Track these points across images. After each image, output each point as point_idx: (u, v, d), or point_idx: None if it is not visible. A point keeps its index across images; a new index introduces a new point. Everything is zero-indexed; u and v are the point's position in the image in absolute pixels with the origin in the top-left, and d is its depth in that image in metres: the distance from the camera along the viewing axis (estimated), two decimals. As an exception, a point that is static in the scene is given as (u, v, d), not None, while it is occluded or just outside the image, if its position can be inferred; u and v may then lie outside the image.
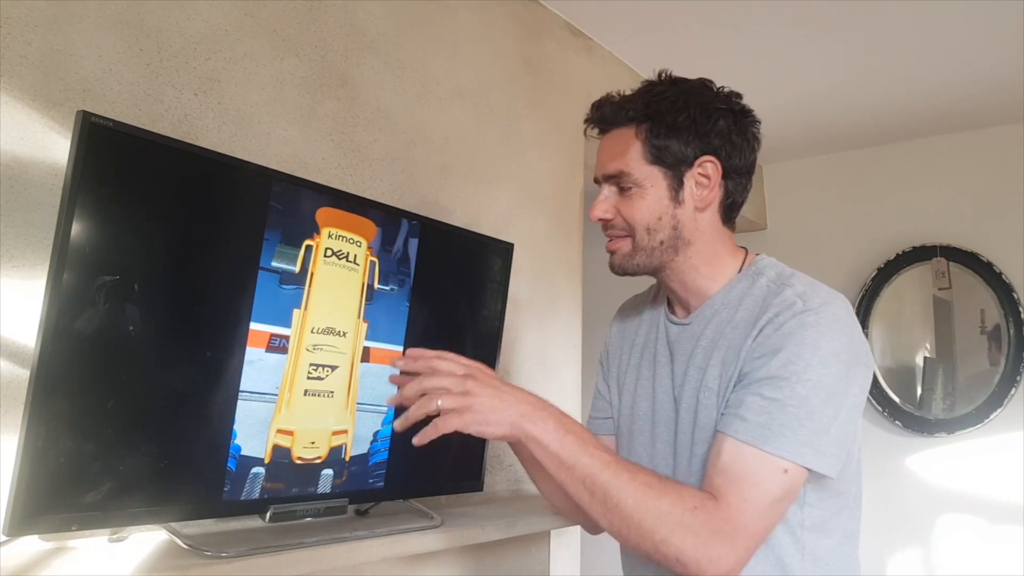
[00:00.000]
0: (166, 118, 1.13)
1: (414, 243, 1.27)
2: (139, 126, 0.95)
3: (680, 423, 1.00)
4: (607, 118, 1.02)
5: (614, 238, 1.03)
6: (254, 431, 1.04)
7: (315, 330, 1.11)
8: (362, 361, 1.18)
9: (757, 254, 1.05)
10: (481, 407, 0.86)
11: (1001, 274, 2.70)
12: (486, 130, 1.78)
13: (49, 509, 0.84)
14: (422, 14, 1.62)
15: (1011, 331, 2.66)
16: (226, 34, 1.23)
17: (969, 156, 2.84)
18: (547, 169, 1.95)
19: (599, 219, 1.02)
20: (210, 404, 1.01)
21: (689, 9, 2.00)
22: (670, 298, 1.09)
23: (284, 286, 1.07)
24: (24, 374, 0.92)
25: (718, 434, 0.91)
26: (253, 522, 1.13)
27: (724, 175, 0.99)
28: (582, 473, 0.87)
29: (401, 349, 1.24)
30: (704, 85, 1.01)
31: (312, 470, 1.12)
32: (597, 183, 1.04)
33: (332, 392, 1.14)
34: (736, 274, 1.02)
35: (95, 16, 1.06)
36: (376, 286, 1.20)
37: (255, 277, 1.04)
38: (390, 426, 1.23)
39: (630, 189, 0.99)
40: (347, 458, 1.17)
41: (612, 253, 1.03)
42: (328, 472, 1.15)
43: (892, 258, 2.91)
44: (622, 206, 1.00)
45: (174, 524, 0.99)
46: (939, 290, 2.83)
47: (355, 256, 1.17)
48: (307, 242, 1.10)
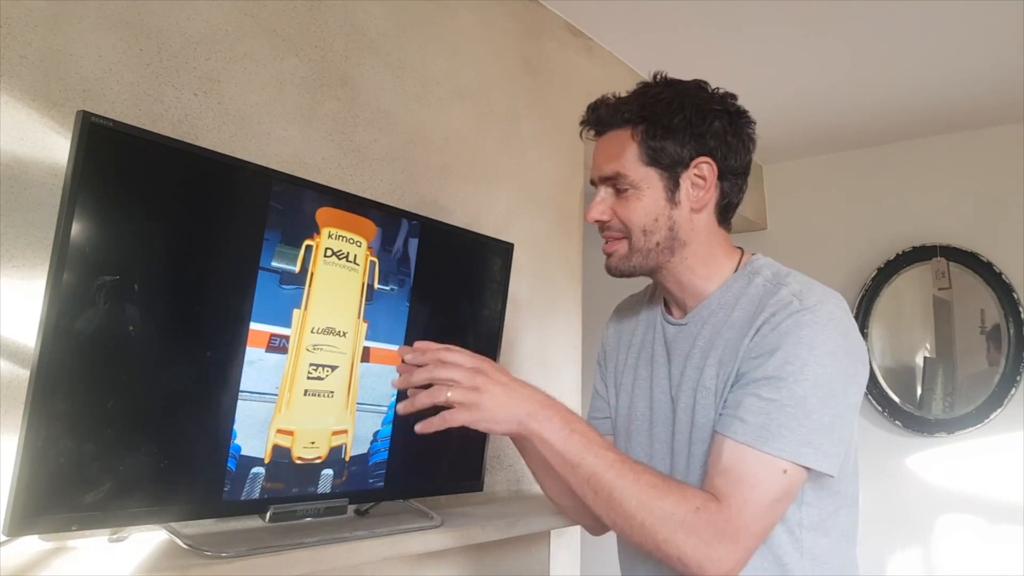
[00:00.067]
0: (166, 118, 1.13)
1: (414, 243, 1.27)
2: (139, 126, 0.95)
3: (677, 423, 1.00)
4: (603, 120, 1.02)
5: (610, 240, 1.03)
6: (254, 431, 1.04)
7: (315, 330, 1.11)
8: (362, 361, 1.18)
9: (753, 254, 1.05)
10: (490, 404, 0.87)
11: (1001, 274, 2.70)
12: (486, 130, 1.78)
13: (49, 509, 0.85)
14: (422, 14, 1.62)
15: (1011, 331, 2.66)
16: (226, 34, 1.23)
17: (969, 156, 2.84)
18: (547, 169, 1.95)
19: (595, 221, 1.02)
20: (210, 404, 1.01)
21: (689, 9, 2.00)
22: (667, 298, 1.09)
23: (284, 286, 1.08)
24: (24, 374, 0.92)
25: (717, 435, 0.91)
26: (253, 522, 1.13)
27: (720, 176, 1.00)
28: (587, 472, 0.88)
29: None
30: (699, 86, 1.01)
31: (312, 470, 1.12)
32: (593, 185, 1.04)
33: (332, 392, 1.14)
34: (732, 274, 1.02)
35: (95, 16, 1.06)
36: (376, 286, 1.20)
37: (255, 277, 1.04)
38: (390, 426, 1.24)
39: (626, 191, 0.99)
40: (347, 458, 1.17)
41: (609, 255, 1.04)
42: (328, 472, 1.15)
43: (892, 258, 2.91)
44: (618, 208, 1.00)
45: (174, 524, 0.99)
46: (939, 290, 2.83)
47: (355, 256, 1.17)
48: (307, 242, 1.10)
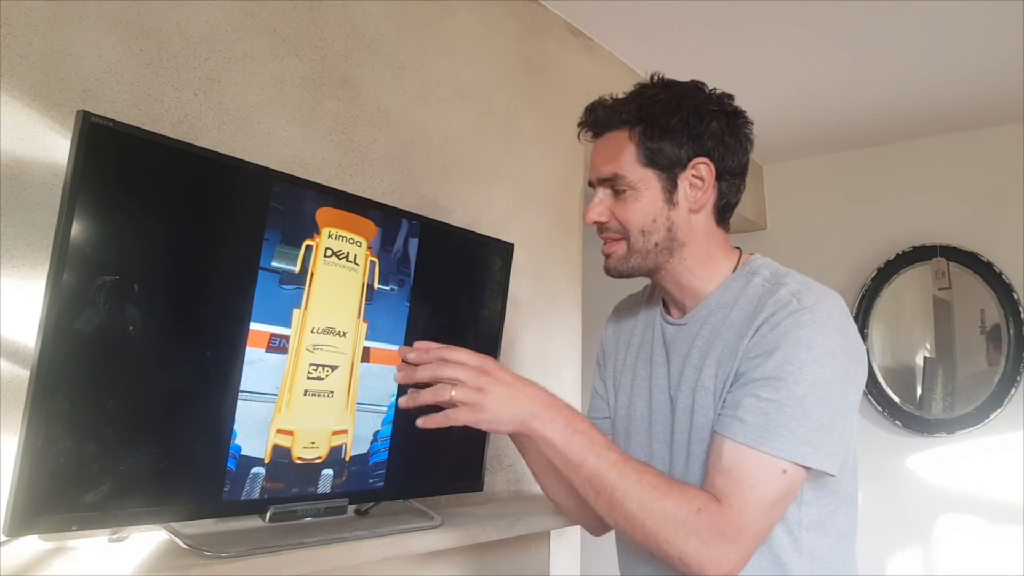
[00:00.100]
0: (166, 118, 1.14)
1: (414, 243, 1.27)
2: (139, 126, 0.95)
3: (676, 423, 1.00)
4: (600, 121, 1.02)
5: (609, 241, 1.03)
6: (254, 431, 1.04)
7: (315, 330, 1.11)
8: (362, 361, 1.18)
9: (752, 254, 1.05)
10: (493, 404, 0.88)
11: (1001, 274, 2.70)
12: (486, 130, 1.78)
13: (49, 509, 0.84)
14: (422, 14, 1.62)
15: (1011, 331, 2.66)
16: (226, 34, 1.23)
17: (969, 156, 2.84)
18: (547, 169, 1.95)
19: (594, 222, 1.03)
20: (210, 404, 1.01)
21: (689, 9, 2.00)
22: (665, 299, 1.09)
23: (284, 286, 1.08)
24: (24, 374, 0.92)
25: (717, 436, 0.91)
26: (253, 522, 1.13)
27: (717, 176, 1.00)
28: (589, 473, 0.88)
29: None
30: (696, 87, 1.01)
31: (312, 470, 1.12)
32: (591, 186, 1.04)
33: (332, 392, 1.14)
34: (731, 274, 1.02)
35: (95, 16, 1.06)
36: (376, 286, 1.20)
37: (255, 277, 1.04)
38: (390, 426, 1.24)
39: (624, 192, 0.99)
40: (347, 458, 1.17)
41: (607, 256, 1.04)
42: (328, 472, 1.15)
43: (892, 258, 2.91)
44: (617, 209, 1.00)
45: (174, 524, 0.99)
46: (939, 290, 2.83)
47: (355, 256, 1.17)
48: (307, 242, 1.10)
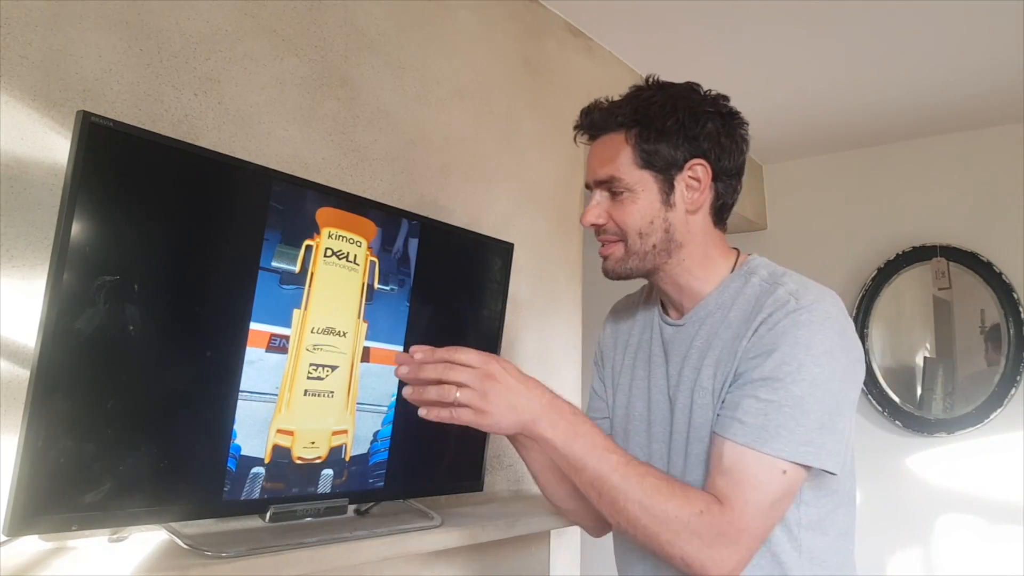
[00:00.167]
0: (166, 118, 1.14)
1: (414, 243, 1.27)
2: (139, 126, 0.95)
3: (675, 423, 1.00)
4: (597, 124, 1.02)
5: (607, 243, 1.03)
6: (254, 431, 1.04)
7: (315, 330, 1.11)
8: (362, 361, 1.18)
9: (749, 254, 1.06)
10: (495, 410, 0.88)
11: (1001, 274, 2.70)
12: (486, 130, 1.78)
13: (49, 509, 0.85)
14: (422, 14, 1.62)
15: (1011, 331, 2.66)
16: (226, 34, 1.23)
17: (969, 156, 2.84)
18: (547, 169, 1.95)
19: (591, 224, 1.03)
20: (210, 404, 1.01)
21: (689, 9, 2.00)
22: (663, 299, 1.09)
23: (284, 286, 1.08)
24: (24, 374, 0.92)
25: (717, 437, 0.91)
26: (253, 522, 1.13)
27: (714, 178, 1.00)
28: (591, 476, 0.89)
29: (401, 349, 1.24)
30: (691, 89, 1.01)
31: (312, 470, 1.12)
32: (588, 188, 1.04)
33: (332, 392, 1.14)
34: (729, 274, 1.03)
35: (95, 16, 1.06)
36: (376, 286, 1.20)
37: (255, 277, 1.04)
38: (390, 426, 1.24)
39: (622, 194, 0.99)
40: (347, 458, 1.17)
41: (605, 258, 1.04)
42: (328, 472, 1.15)
43: (892, 258, 2.91)
44: (614, 211, 1.01)
45: (174, 524, 0.99)
46: (939, 290, 2.83)
47: (355, 256, 1.17)
48: (307, 242, 1.10)
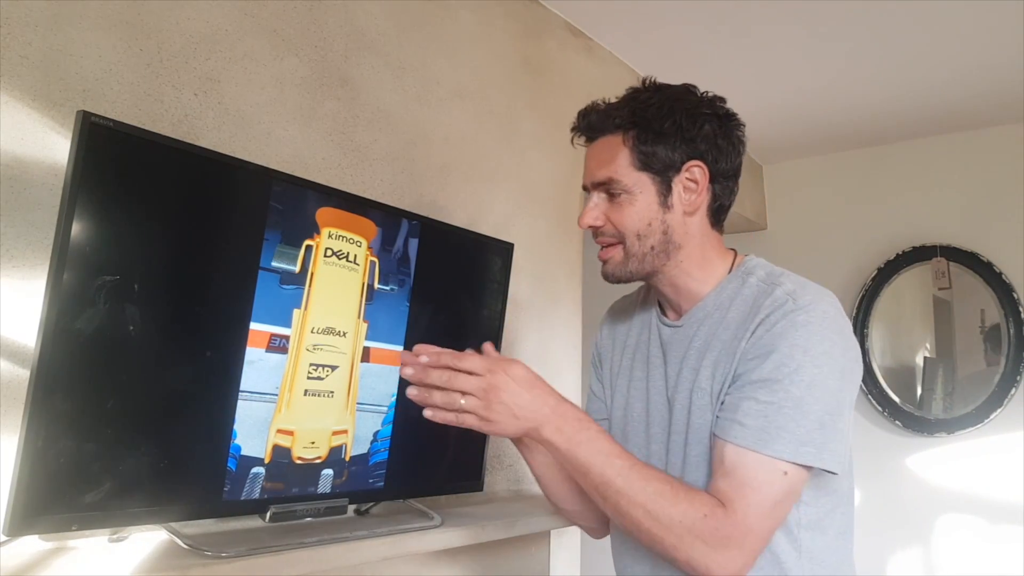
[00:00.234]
0: (166, 118, 1.13)
1: (414, 243, 1.27)
2: (139, 126, 0.95)
3: (674, 424, 1.00)
4: (594, 126, 1.03)
5: (605, 246, 1.03)
6: (254, 431, 1.04)
7: (315, 330, 1.11)
8: (362, 361, 1.18)
9: (746, 255, 1.06)
10: (500, 417, 0.89)
11: (1001, 274, 2.70)
12: (486, 130, 1.78)
13: (49, 509, 0.85)
14: (422, 14, 1.62)
15: (1011, 331, 2.66)
16: (226, 34, 1.23)
17: (969, 156, 2.84)
18: (547, 169, 1.95)
19: (589, 226, 1.03)
20: (210, 404, 1.01)
21: (689, 9, 2.00)
22: (661, 300, 1.09)
23: (284, 286, 1.08)
24: (24, 374, 0.92)
25: (718, 440, 0.92)
26: (253, 522, 1.13)
27: (711, 179, 1.00)
28: (596, 480, 0.90)
29: (401, 349, 1.24)
30: (688, 90, 1.02)
31: (312, 470, 1.12)
32: (586, 190, 1.05)
33: (332, 392, 1.14)
34: (726, 275, 1.03)
35: (95, 16, 1.06)
36: (376, 286, 1.20)
37: (255, 277, 1.04)
38: (390, 426, 1.24)
39: (619, 196, 0.99)
40: (347, 458, 1.17)
41: (605, 262, 1.04)
42: (328, 472, 1.15)
43: (892, 258, 2.91)
44: (612, 213, 1.01)
45: (174, 524, 0.99)
46: (939, 290, 2.83)
47: (355, 256, 1.17)
48: (307, 242, 1.10)
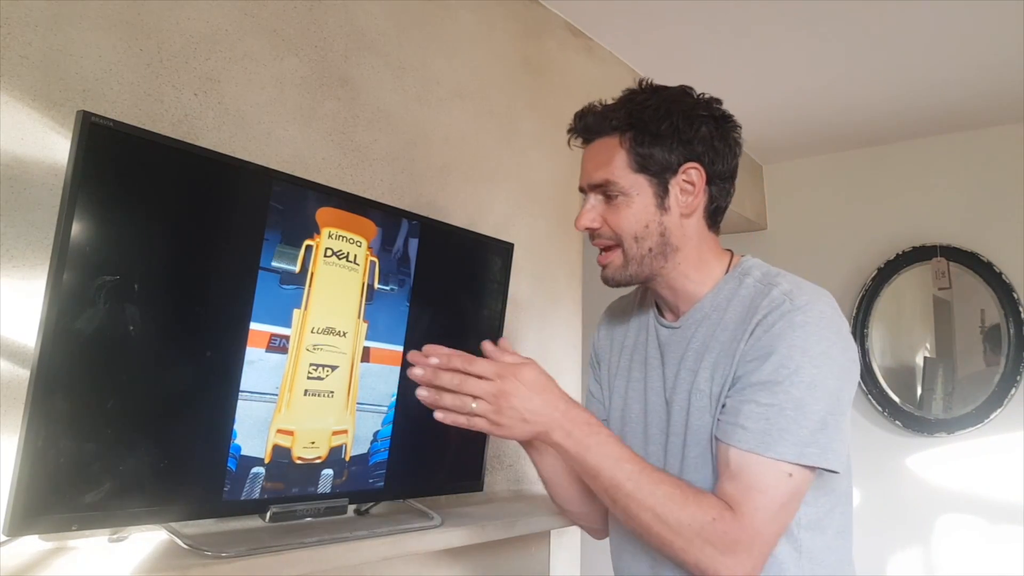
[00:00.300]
0: (166, 118, 1.13)
1: (414, 243, 1.27)
2: (139, 126, 0.95)
3: (672, 425, 1.00)
4: (591, 128, 1.03)
5: (603, 250, 1.03)
6: (254, 431, 1.04)
7: (315, 330, 1.11)
8: (362, 361, 1.18)
9: (742, 255, 1.06)
10: (510, 422, 0.90)
11: (1001, 274, 2.70)
12: (486, 130, 1.78)
13: (49, 509, 0.85)
14: (422, 14, 1.62)
15: (1011, 331, 2.66)
16: (226, 34, 1.23)
17: (969, 156, 2.84)
18: (547, 169, 1.95)
19: (586, 228, 1.03)
20: (210, 404, 1.01)
21: (689, 9, 2.00)
22: (658, 302, 1.09)
23: (284, 286, 1.08)
24: (24, 374, 0.92)
25: (721, 444, 0.92)
26: (253, 522, 1.13)
27: (708, 181, 1.00)
28: (606, 483, 0.90)
29: (401, 349, 1.24)
30: (685, 92, 1.02)
31: (312, 470, 1.12)
32: (582, 192, 1.04)
33: (332, 392, 1.14)
34: (723, 276, 1.03)
35: (95, 16, 1.06)
36: (376, 286, 1.20)
37: (255, 277, 1.04)
38: (390, 426, 1.24)
39: (616, 198, 0.99)
40: (347, 458, 1.17)
41: (604, 267, 1.04)
42: (328, 472, 1.15)
43: (892, 258, 2.91)
44: (609, 215, 1.01)
45: (174, 524, 0.99)
46: (939, 290, 2.83)
47: (355, 256, 1.17)
48: (307, 242, 1.10)
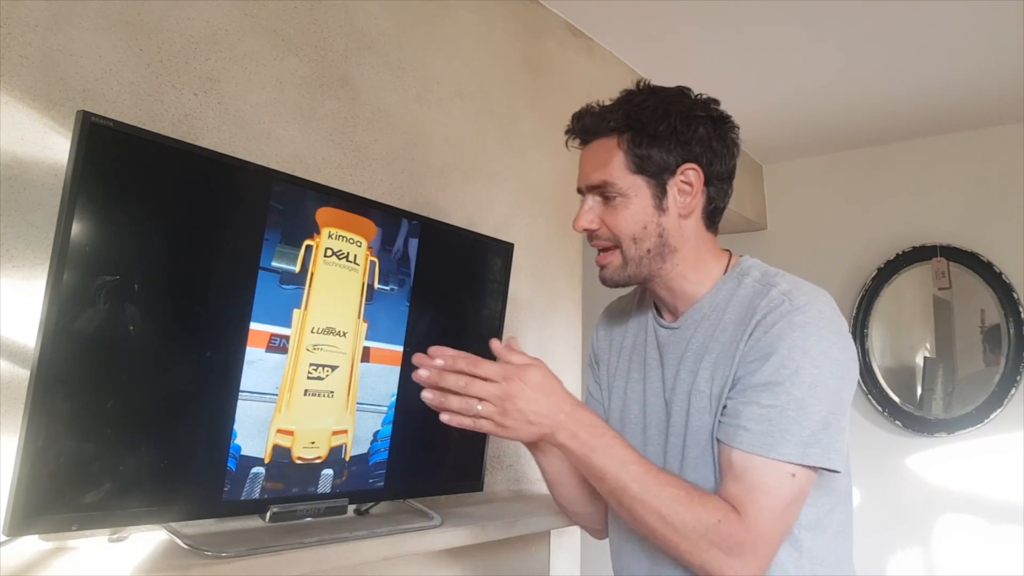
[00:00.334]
0: (166, 118, 1.13)
1: (414, 243, 1.27)
2: (139, 126, 0.95)
3: (672, 426, 1.00)
4: (588, 129, 1.02)
5: (602, 251, 1.03)
6: (254, 431, 1.04)
7: (315, 330, 1.11)
8: (362, 361, 1.18)
9: (741, 255, 1.06)
10: (516, 423, 0.90)
11: (1001, 274, 2.70)
12: (486, 130, 1.78)
13: (49, 509, 0.85)
14: (422, 14, 1.62)
15: (1011, 331, 2.66)
16: (226, 34, 1.23)
17: (969, 156, 2.84)
18: (547, 169, 1.95)
19: (584, 229, 1.03)
20: (210, 404, 1.01)
21: (689, 9, 2.00)
22: (656, 302, 1.09)
23: (284, 286, 1.08)
24: (24, 374, 0.92)
25: (724, 446, 0.92)
26: (253, 522, 1.13)
27: (706, 182, 1.00)
28: (612, 485, 0.91)
29: (401, 349, 1.24)
30: (682, 93, 1.02)
31: (312, 470, 1.12)
32: (580, 193, 1.04)
33: (332, 392, 1.14)
34: (721, 276, 1.03)
35: (95, 16, 1.06)
36: (376, 286, 1.20)
37: (255, 277, 1.04)
38: (390, 426, 1.24)
39: (614, 199, 0.99)
40: (347, 458, 1.17)
41: (603, 267, 1.04)
42: (328, 472, 1.15)
43: (892, 258, 2.91)
44: (607, 216, 1.01)
45: (174, 524, 0.99)
46: (939, 290, 2.83)
47: (355, 256, 1.17)
48: (307, 242, 1.10)
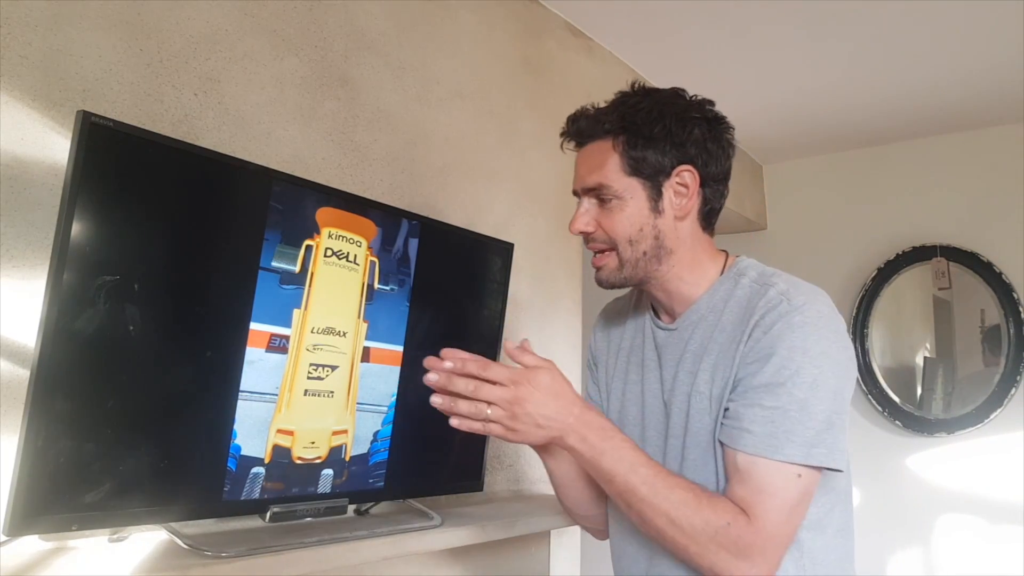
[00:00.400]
0: (166, 118, 1.13)
1: (414, 243, 1.27)
2: (139, 126, 0.95)
3: (671, 428, 1.00)
4: (583, 131, 1.02)
5: (598, 253, 1.03)
6: (254, 431, 1.04)
7: (315, 330, 1.11)
8: (362, 361, 1.19)
9: (737, 256, 1.06)
10: (525, 427, 0.91)
11: (1001, 274, 2.70)
12: (486, 130, 1.78)
13: (49, 509, 0.85)
14: (422, 14, 1.62)
15: (1011, 331, 2.66)
16: (226, 34, 1.23)
17: (969, 156, 2.84)
18: (547, 169, 1.95)
19: (580, 232, 1.03)
20: (210, 404, 1.01)
21: (689, 9, 2.00)
22: (654, 304, 1.09)
23: (284, 286, 1.08)
24: (24, 374, 0.92)
25: (728, 449, 0.92)
26: (253, 522, 1.13)
27: (702, 183, 1.00)
28: (620, 488, 0.91)
29: (401, 349, 1.24)
30: (677, 94, 1.01)
31: (312, 470, 1.12)
32: (576, 196, 1.04)
33: (332, 392, 1.14)
34: (718, 277, 1.03)
35: (95, 16, 1.06)
36: (376, 286, 1.20)
37: (255, 277, 1.04)
38: (390, 426, 1.24)
39: (610, 201, 0.99)
40: (347, 458, 1.17)
41: (599, 269, 1.04)
42: (328, 472, 1.15)
43: (892, 258, 2.91)
44: (602, 219, 1.00)
45: (174, 524, 0.99)
46: (939, 290, 2.83)
47: (355, 256, 1.17)
48: (307, 242, 1.10)
